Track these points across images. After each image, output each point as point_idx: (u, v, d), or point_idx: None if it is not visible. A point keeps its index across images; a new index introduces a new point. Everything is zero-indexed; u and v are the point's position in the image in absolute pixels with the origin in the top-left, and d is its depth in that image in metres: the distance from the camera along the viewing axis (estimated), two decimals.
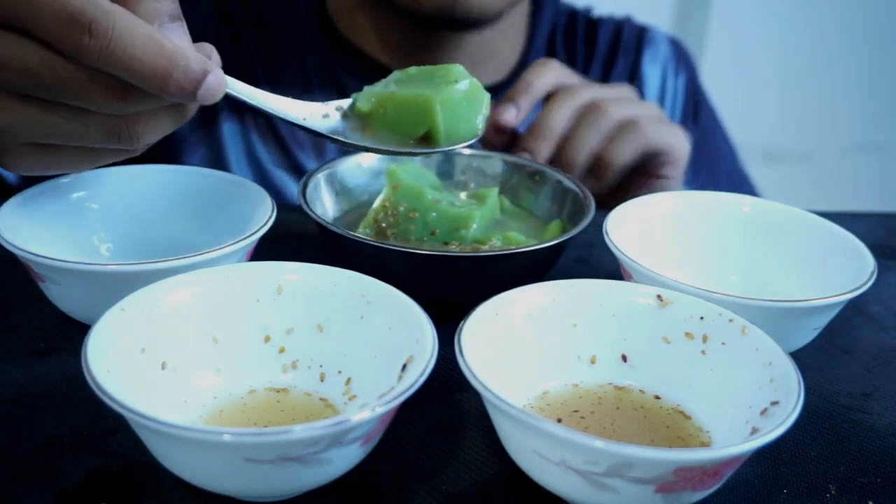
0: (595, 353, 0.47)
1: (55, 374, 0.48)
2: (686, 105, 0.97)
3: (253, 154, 0.83)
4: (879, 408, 0.50)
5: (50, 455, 0.42)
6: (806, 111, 1.99)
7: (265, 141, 0.84)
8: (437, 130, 0.53)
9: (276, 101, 0.50)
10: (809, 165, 2.07)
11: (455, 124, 0.54)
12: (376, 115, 0.54)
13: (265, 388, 0.45)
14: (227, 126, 0.83)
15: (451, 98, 0.53)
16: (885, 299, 0.62)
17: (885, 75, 2.01)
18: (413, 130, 0.54)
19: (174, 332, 0.43)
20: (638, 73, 0.95)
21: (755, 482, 0.43)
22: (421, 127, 0.54)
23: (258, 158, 0.84)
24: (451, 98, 0.53)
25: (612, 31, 0.96)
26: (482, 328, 0.43)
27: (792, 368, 0.40)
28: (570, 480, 0.37)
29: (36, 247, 0.48)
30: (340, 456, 0.37)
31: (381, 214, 0.59)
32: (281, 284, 0.46)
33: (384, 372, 0.42)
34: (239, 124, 0.83)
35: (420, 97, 0.53)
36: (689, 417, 0.44)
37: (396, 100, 0.54)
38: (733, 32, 1.89)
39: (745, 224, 0.59)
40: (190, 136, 0.83)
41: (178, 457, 0.37)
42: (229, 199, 0.57)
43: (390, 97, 0.54)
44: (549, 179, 0.64)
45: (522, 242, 0.57)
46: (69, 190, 0.56)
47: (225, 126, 0.83)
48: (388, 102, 0.54)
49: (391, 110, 0.54)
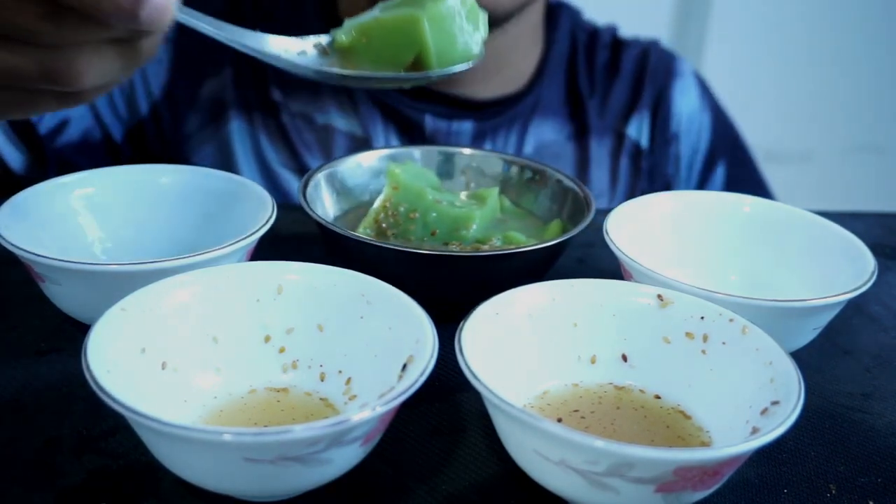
0: (595, 352, 0.47)
1: (55, 374, 0.48)
2: (711, 146, 0.94)
3: (260, 154, 0.83)
4: (879, 408, 0.50)
5: (50, 455, 0.42)
6: (806, 111, 1.99)
7: (273, 141, 0.83)
8: (428, 52, 0.48)
9: (244, 35, 0.45)
10: (809, 165, 2.07)
11: (448, 44, 0.48)
12: (358, 46, 0.48)
13: (265, 388, 0.45)
14: (234, 124, 0.83)
15: (441, 14, 0.47)
16: (885, 299, 0.62)
17: (885, 75, 2.01)
18: (400, 57, 0.48)
19: (174, 332, 0.43)
20: (666, 100, 0.92)
21: (755, 482, 0.43)
22: (409, 51, 0.48)
23: (265, 159, 0.83)
24: (440, 14, 0.47)
25: (639, 54, 0.93)
26: (482, 328, 0.43)
27: (792, 368, 0.40)
28: (570, 480, 0.37)
29: (36, 247, 0.48)
30: (340, 456, 0.37)
31: (381, 215, 0.59)
32: (281, 284, 0.46)
33: (384, 372, 0.42)
34: (247, 124, 0.83)
35: (405, 16, 0.47)
36: (690, 417, 0.44)
37: (379, 25, 0.48)
38: (733, 32, 1.89)
39: (745, 224, 0.59)
40: (198, 134, 0.83)
41: (179, 456, 0.37)
42: (229, 198, 0.57)
43: (373, 24, 0.48)
44: (549, 179, 0.64)
45: (522, 242, 0.57)
46: (69, 190, 0.56)
47: (233, 124, 0.83)
48: (371, 31, 0.48)
49: (375, 39, 0.48)
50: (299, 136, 0.83)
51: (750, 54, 1.89)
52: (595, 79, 0.91)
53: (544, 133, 0.88)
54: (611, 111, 0.90)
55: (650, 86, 0.92)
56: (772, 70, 1.93)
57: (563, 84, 0.90)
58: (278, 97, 0.83)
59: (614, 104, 0.90)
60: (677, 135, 0.92)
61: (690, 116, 0.93)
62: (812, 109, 1.99)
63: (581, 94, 0.89)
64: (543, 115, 0.88)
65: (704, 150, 0.93)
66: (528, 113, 0.87)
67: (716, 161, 0.93)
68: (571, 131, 0.89)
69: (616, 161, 0.89)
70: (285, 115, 0.83)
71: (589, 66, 0.92)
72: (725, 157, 0.94)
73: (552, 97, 0.89)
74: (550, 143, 0.87)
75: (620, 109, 0.91)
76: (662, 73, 0.93)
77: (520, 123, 0.86)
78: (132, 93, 0.82)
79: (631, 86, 0.92)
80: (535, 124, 0.87)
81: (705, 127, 0.94)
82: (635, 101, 0.91)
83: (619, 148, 0.89)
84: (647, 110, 0.91)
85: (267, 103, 0.83)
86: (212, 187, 0.58)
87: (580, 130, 0.89)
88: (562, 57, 0.91)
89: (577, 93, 0.89)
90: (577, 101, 0.89)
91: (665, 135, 0.92)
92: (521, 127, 0.86)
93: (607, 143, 0.89)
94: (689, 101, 0.93)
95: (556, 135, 0.88)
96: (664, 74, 0.93)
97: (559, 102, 0.89)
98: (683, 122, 0.93)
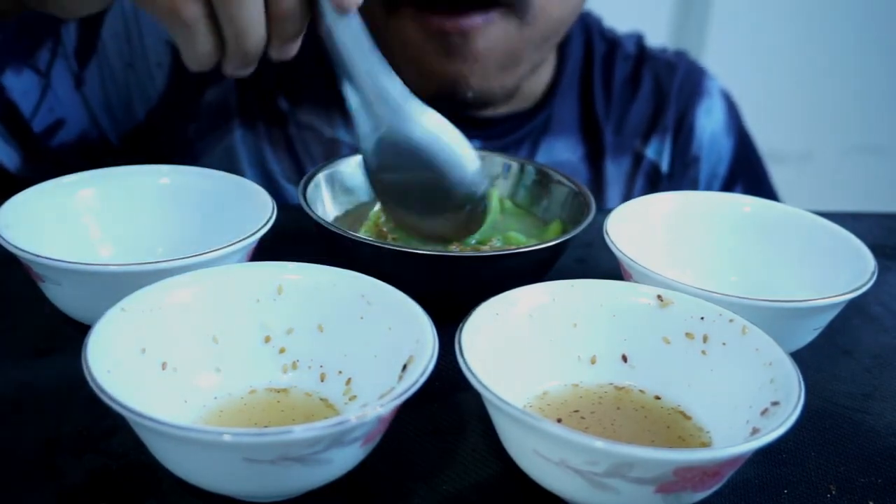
0: (595, 353, 0.47)
1: (55, 374, 0.48)
2: (731, 170, 0.90)
3: (264, 166, 0.81)
4: (879, 408, 0.50)
5: (50, 455, 0.42)
6: (806, 111, 1.99)
7: (277, 152, 0.81)
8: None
9: None
10: (809, 165, 2.07)
11: None
12: None
13: (265, 388, 0.45)
14: (238, 133, 0.80)
15: None
16: (885, 299, 0.62)
17: (885, 75, 2.01)
18: None
19: (174, 332, 0.43)
20: (689, 121, 0.87)
21: (755, 482, 0.43)
22: None
23: (269, 171, 0.81)
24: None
25: (664, 69, 0.87)
26: (482, 328, 0.43)
27: (792, 368, 0.40)
28: (570, 480, 0.37)
29: (36, 247, 0.48)
30: (340, 456, 0.37)
31: (381, 219, 0.59)
32: (281, 284, 0.46)
33: (384, 372, 0.42)
34: (251, 133, 0.80)
35: None
36: (690, 417, 0.44)
37: None
38: (733, 32, 1.89)
39: (745, 224, 0.59)
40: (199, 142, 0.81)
41: (178, 457, 0.37)
42: (229, 199, 0.57)
43: None
44: (550, 179, 0.64)
45: (523, 242, 0.57)
46: (69, 190, 0.56)
47: (236, 133, 0.80)
48: None
49: None
50: (305, 148, 0.81)
51: (750, 54, 1.89)
52: (613, 94, 0.86)
53: (556, 152, 0.84)
54: (629, 129, 0.85)
55: (674, 104, 0.86)
56: (772, 70, 1.93)
57: (576, 101, 0.85)
58: (285, 107, 0.80)
59: (633, 122, 0.86)
60: (698, 158, 0.87)
61: (713, 139, 0.88)
62: (812, 109, 1.99)
63: (597, 114, 0.85)
64: (555, 133, 0.84)
65: (723, 175, 0.89)
66: (539, 132, 0.83)
67: (734, 185, 0.89)
68: (585, 152, 0.84)
69: (632, 182, 0.85)
70: (292, 126, 0.81)
71: (606, 81, 0.87)
72: (743, 180, 0.90)
73: (565, 115, 0.84)
74: (563, 163, 0.83)
75: (640, 128, 0.86)
76: (688, 90, 0.88)
77: (530, 142, 0.83)
78: (129, 97, 0.80)
79: (653, 103, 0.87)
80: (545, 143, 0.83)
81: (726, 151, 0.89)
82: (656, 120, 0.86)
83: (636, 169, 0.85)
84: (670, 132, 0.86)
85: (273, 113, 0.81)
86: (212, 187, 0.58)
87: (595, 151, 0.84)
88: (576, 72, 0.86)
89: (593, 111, 0.85)
90: (592, 120, 0.85)
91: (685, 158, 0.87)
92: (530, 145, 0.83)
93: (624, 164, 0.85)
94: (713, 122, 0.88)
95: (570, 154, 0.84)
96: (689, 93, 0.88)
97: (573, 121, 0.85)
98: (705, 144, 0.88)
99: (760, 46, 1.90)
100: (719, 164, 0.89)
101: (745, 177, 0.91)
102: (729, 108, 0.91)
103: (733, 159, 0.90)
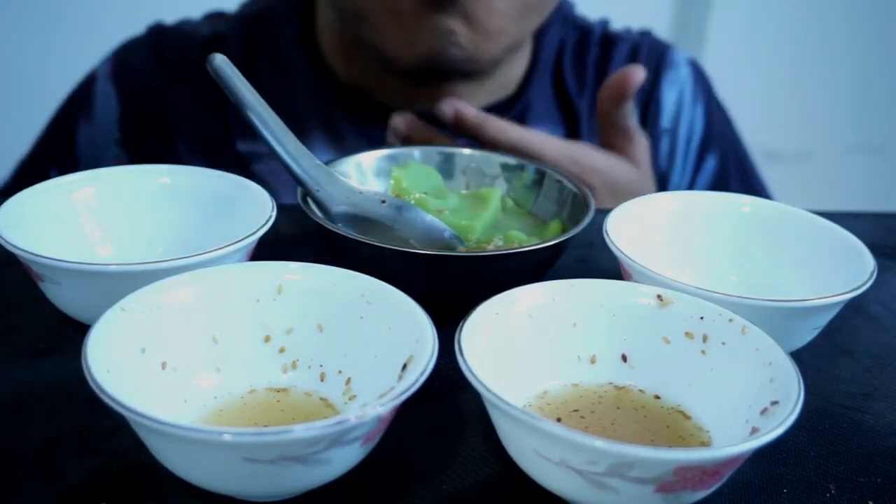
0: (595, 352, 0.47)
1: (55, 374, 0.48)
2: (704, 137, 0.92)
3: None
4: (879, 408, 0.50)
5: (50, 455, 0.42)
6: (806, 111, 1.99)
7: None
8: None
9: None
10: (809, 165, 2.07)
11: None
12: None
13: (265, 388, 0.45)
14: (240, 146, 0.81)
15: None
16: (885, 299, 0.62)
17: (885, 75, 2.01)
18: None
19: (174, 332, 0.43)
20: (654, 97, 0.90)
21: (755, 482, 0.43)
22: None
23: None
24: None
25: (629, 49, 0.91)
26: (482, 328, 0.43)
27: (792, 368, 0.40)
28: (570, 480, 0.37)
29: (36, 247, 0.48)
30: (340, 456, 0.37)
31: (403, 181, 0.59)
32: (281, 284, 0.46)
33: (384, 372, 0.42)
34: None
35: None
36: (690, 417, 0.44)
37: None
38: (733, 32, 1.89)
39: (744, 224, 0.59)
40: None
41: (178, 457, 0.37)
42: (229, 199, 0.57)
43: None
44: (549, 179, 0.64)
45: (525, 241, 0.57)
46: (69, 190, 0.56)
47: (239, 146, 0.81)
48: None
49: None
50: (276, 178, 0.80)
51: (749, 54, 1.89)
52: (586, 77, 0.89)
53: None
54: None
55: None
56: (771, 69, 1.93)
57: (550, 87, 0.88)
58: (245, 148, 0.81)
59: None
60: (667, 130, 0.90)
61: (680, 106, 0.91)
62: (812, 109, 2.00)
63: (571, 97, 0.87)
64: (534, 120, 0.86)
65: (697, 142, 0.92)
66: (518, 120, 0.84)
67: (707, 152, 0.92)
68: (564, 134, 0.87)
69: None
70: (256, 164, 0.81)
71: (579, 65, 0.90)
72: (717, 148, 0.92)
73: (542, 101, 0.87)
74: None
75: None
76: (653, 66, 0.91)
77: None
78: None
79: None
80: None
81: (698, 118, 0.92)
82: None
83: None
84: (637, 107, 0.88)
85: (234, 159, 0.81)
86: (212, 187, 0.58)
87: (573, 133, 0.87)
88: (549, 62, 0.89)
89: (567, 95, 0.87)
90: (567, 104, 0.87)
91: (655, 130, 0.89)
92: None
93: None
94: (678, 90, 0.91)
95: None
96: (654, 67, 0.91)
97: (550, 106, 0.87)
98: (672, 114, 0.90)
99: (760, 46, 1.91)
100: (692, 132, 0.92)
101: (718, 145, 0.92)
102: (696, 76, 0.93)
103: (706, 126, 0.92)
